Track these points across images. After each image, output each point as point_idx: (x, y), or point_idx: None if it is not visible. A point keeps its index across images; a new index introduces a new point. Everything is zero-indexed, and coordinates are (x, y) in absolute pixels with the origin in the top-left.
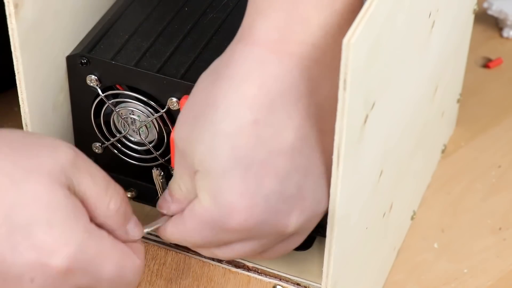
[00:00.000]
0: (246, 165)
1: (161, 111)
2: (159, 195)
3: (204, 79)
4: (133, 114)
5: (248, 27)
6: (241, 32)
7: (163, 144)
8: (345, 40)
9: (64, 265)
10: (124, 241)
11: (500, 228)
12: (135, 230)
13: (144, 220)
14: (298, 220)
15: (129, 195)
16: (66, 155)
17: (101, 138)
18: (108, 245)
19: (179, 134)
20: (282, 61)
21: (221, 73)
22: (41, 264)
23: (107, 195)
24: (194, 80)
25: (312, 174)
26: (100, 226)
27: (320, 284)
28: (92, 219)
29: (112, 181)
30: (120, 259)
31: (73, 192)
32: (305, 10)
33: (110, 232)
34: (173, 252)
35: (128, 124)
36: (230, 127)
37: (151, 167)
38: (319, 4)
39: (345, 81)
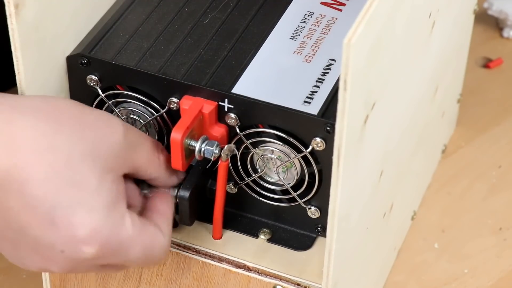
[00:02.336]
0: None
1: (162, 111)
2: None
3: None
4: (134, 114)
5: None
6: None
7: (163, 144)
8: (345, 40)
9: (93, 250)
10: (170, 186)
11: (500, 228)
12: (180, 172)
13: None
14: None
15: None
16: (119, 133)
17: None
18: (137, 230)
19: None
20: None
21: None
22: (73, 243)
23: (156, 154)
24: (194, 80)
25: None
26: (151, 180)
27: (320, 284)
28: (144, 177)
29: (154, 140)
30: (148, 242)
31: (130, 167)
32: None
33: (161, 183)
34: (174, 253)
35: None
36: None
37: None
38: None
39: (345, 81)
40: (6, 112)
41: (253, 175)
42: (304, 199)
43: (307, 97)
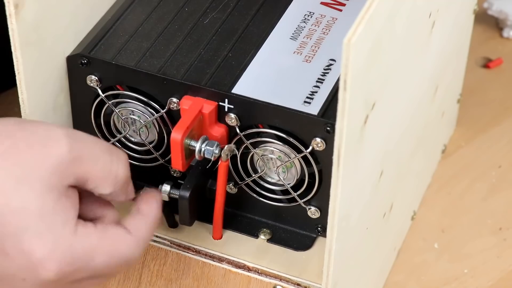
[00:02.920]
0: None
1: (162, 111)
2: None
3: None
4: (133, 115)
5: None
6: None
7: (163, 145)
8: (345, 40)
9: (52, 272)
10: (123, 201)
11: (500, 228)
12: (132, 190)
13: None
14: None
15: None
16: (60, 150)
17: (101, 138)
18: (95, 239)
19: None
20: None
21: None
22: (31, 270)
23: (111, 171)
24: (194, 80)
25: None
26: (105, 195)
27: (320, 284)
28: (94, 191)
29: (114, 150)
30: (110, 246)
31: (74, 179)
32: None
33: (112, 196)
34: (174, 253)
35: (128, 125)
36: None
37: (151, 167)
38: None
39: (345, 81)
40: None
41: (253, 175)
42: (304, 199)
43: (307, 97)
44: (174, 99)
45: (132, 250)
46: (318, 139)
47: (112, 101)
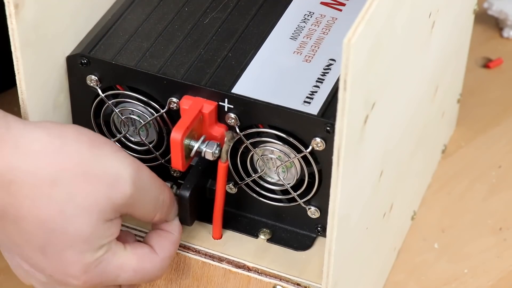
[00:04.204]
0: None
1: (162, 111)
2: None
3: None
4: (133, 114)
5: None
6: None
7: (163, 144)
8: (345, 40)
9: (80, 283)
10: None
11: (500, 228)
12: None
13: None
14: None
15: None
16: (124, 194)
17: None
18: (126, 258)
19: None
20: None
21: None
22: (62, 274)
23: (156, 208)
24: (194, 80)
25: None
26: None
27: (320, 284)
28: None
29: (163, 186)
30: (137, 264)
31: (124, 211)
32: None
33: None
34: None
35: (128, 124)
36: None
37: (151, 167)
38: None
39: (345, 81)
40: (6, 151)
41: (253, 175)
42: (304, 199)
43: (307, 97)
44: (174, 99)
45: (157, 269)
46: (318, 139)
47: (112, 101)
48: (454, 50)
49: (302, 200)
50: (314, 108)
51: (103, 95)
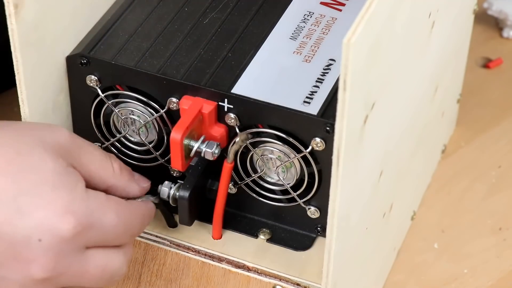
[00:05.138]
0: None
1: (161, 111)
2: None
3: None
4: (133, 114)
5: None
6: None
7: (163, 144)
8: (345, 40)
9: (71, 225)
10: (136, 196)
11: (500, 228)
12: (142, 180)
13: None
14: None
15: None
16: (63, 134)
17: (101, 138)
18: (104, 197)
19: None
20: None
21: None
22: (49, 225)
23: (108, 160)
24: (194, 80)
25: None
26: (108, 190)
27: (320, 284)
28: (99, 187)
29: (104, 151)
30: (118, 207)
31: (74, 160)
32: None
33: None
34: (173, 253)
35: (128, 124)
36: None
37: (151, 167)
38: None
39: (345, 81)
40: None
41: (253, 175)
42: (304, 199)
43: (307, 97)
44: (174, 99)
45: (144, 216)
46: (317, 139)
47: (111, 101)
48: (454, 50)
49: (302, 200)
50: (314, 108)
51: (103, 95)
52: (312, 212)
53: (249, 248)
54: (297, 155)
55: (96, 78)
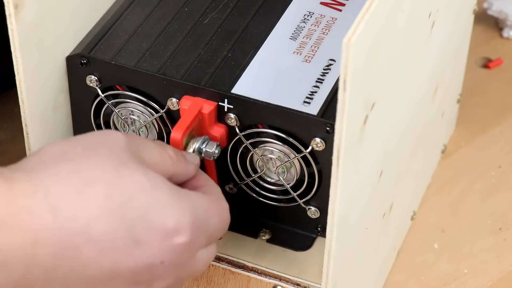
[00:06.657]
0: None
1: (161, 111)
2: None
3: None
4: (133, 115)
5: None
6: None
7: None
8: (344, 40)
9: (188, 237)
10: (194, 176)
11: (500, 229)
12: (193, 157)
13: None
14: None
15: None
16: (120, 139)
17: None
18: (206, 201)
19: None
20: None
21: None
22: (168, 245)
23: (164, 150)
24: (194, 80)
25: None
26: (171, 179)
27: (320, 285)
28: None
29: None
30: (217, 207)
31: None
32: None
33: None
34: None
35: (128, 125)
36: None
37: None
38: None
39: (345, 81)
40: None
41: (253, 175)
42: (304, 199)
43: (307, 97)
44: (174, 99)
45: (229, 214)
46: (317, 139)
47: (111, 101)
48: (454, 50)
49: (302, 200)
50: (313, 108)
51: (103, 95)
52: (312, 212)
53: (249, 248)
54: (297, 155)
55: (96, 78)
